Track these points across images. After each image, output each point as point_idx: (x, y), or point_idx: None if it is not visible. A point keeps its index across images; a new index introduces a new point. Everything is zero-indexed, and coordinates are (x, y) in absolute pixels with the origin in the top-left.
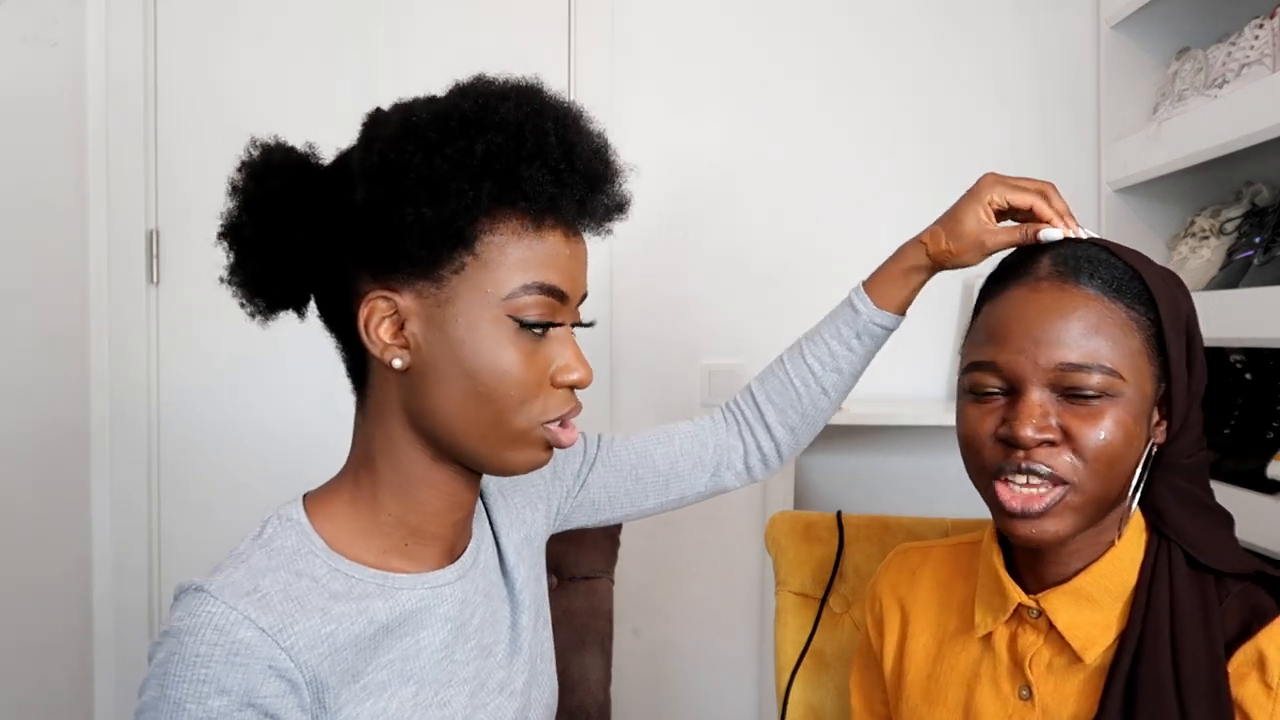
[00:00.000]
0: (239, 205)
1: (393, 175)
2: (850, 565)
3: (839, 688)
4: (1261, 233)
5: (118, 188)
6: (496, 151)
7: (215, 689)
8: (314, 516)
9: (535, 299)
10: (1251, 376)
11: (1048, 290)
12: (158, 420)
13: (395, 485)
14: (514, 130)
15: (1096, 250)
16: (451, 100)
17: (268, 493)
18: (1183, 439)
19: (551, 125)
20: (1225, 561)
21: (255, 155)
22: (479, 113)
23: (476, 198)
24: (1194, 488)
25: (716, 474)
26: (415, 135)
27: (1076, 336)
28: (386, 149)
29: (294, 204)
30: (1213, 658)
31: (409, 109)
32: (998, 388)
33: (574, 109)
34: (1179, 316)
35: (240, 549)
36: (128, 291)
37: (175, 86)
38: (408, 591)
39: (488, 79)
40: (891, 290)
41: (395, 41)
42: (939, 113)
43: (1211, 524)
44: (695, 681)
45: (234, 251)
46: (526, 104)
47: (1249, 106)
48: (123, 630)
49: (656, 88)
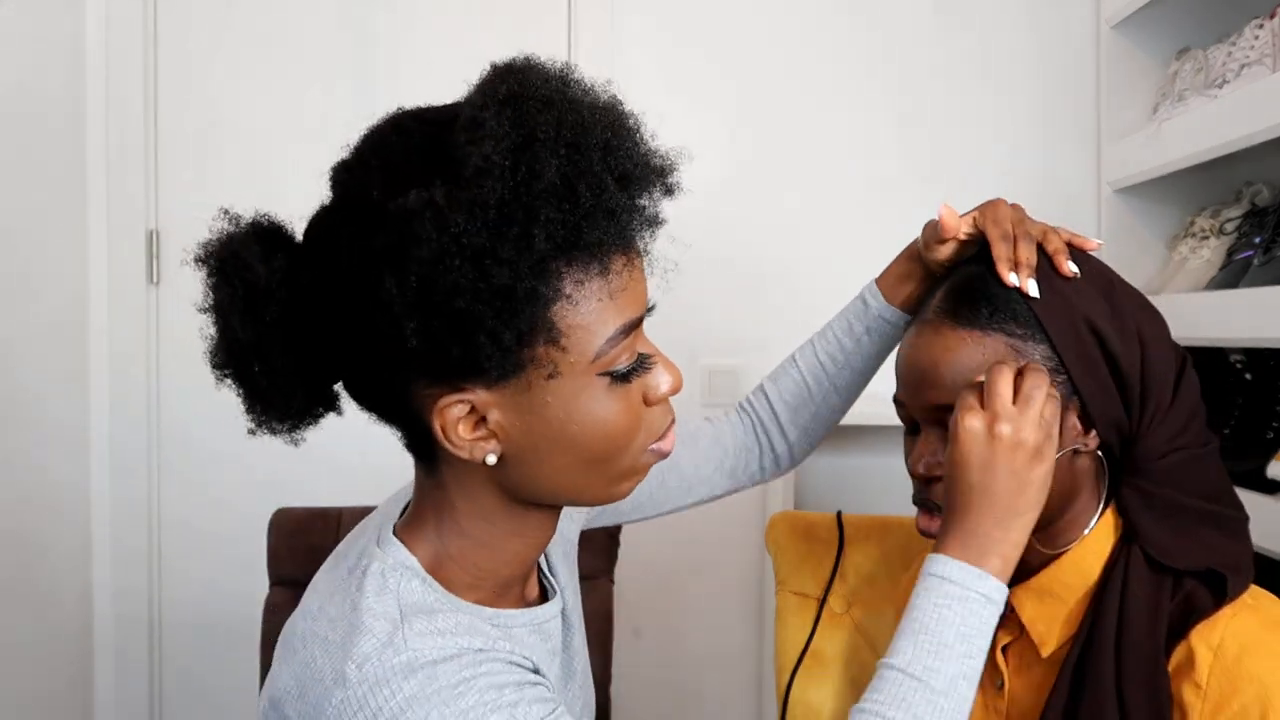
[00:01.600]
0: (235, 299)
1: (446, 302)
2: (850, 565)
3: (839, 688)
4: (1261, 233)
5: (118, 188)
6: (555, 229)
7: (491, 684)
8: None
9: (621, 345)
10: (1251, 376)
11: (928, 332)
12: (158, 420)
13: (486, 543)
14: (565, 191)
15: (985, 281)
16: (475, 175)
17: (268, 493)
18: (1148, 441)
19: (599, 156)
20: (1182, 560)
21: (241, 229)
22: (518, 185)
23: (548, 290)
24: (1166, 490)
25: (734, 475)
26: (458, 248)
27: (948, 379)
28: (430, 274)
29: (306, 295)
30: (1154, 655)
31: (433, 210)
32: (909, 422)
33: (610, 109)
34: (1074, 325)
35: (374, 619)
36: (128, 291)
37: (175, 86)
38: (521, 629)
39: (498, 106)
40: (897, 284)
41: (395, 40)
42: (939, 113)
43: (1188, 524)
44: (695, 681)
45: (239, 375)
46: (565, 138)
47: (1249, 106)
48: (123, 630)
49: (656, 87)
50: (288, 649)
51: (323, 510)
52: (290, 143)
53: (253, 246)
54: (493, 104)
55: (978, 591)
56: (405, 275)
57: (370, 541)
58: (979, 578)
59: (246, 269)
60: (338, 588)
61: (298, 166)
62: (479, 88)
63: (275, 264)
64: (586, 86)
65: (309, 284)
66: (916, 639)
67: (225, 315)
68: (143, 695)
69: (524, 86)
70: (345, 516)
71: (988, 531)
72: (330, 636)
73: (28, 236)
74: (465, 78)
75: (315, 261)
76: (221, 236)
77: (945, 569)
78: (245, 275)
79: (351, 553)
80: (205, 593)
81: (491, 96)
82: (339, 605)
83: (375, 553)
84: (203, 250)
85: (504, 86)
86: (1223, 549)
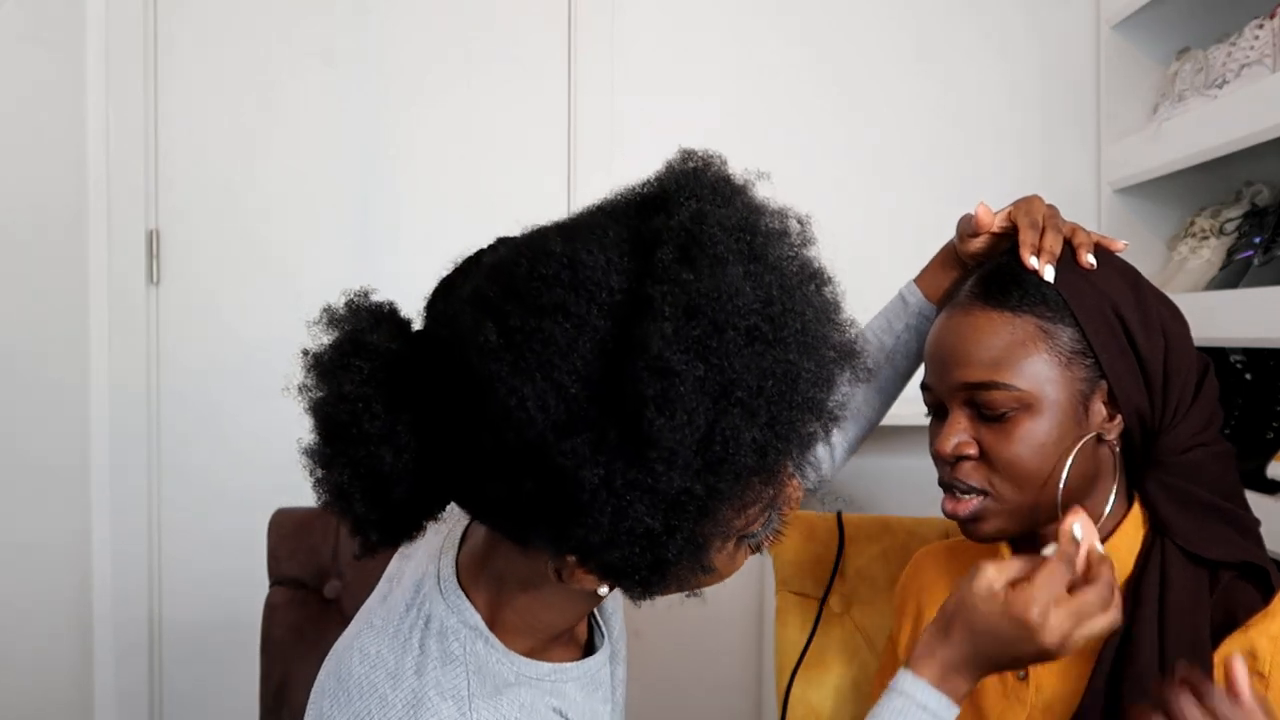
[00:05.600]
0: (369, 393)
1: (632, 530)
2: (850, 565)
3: (839, 688)
4: (1261, 233)
5: (118, 188)
6: (755, 460)
7: None
8: (495, 631)
9: (762, 518)
10: (1251, 376)
11: (960, 314)
12: (158, 420)
13: (552, 603)
14: (769, 434)
15: (1015, 268)
16: (665, 448)
17: (267, 494)
18: (1172, 434)
19: (816, 377)
20: (1214, 551)
21: (368, 309)
22: (713, 431)
23: (730, 506)
24: (1188, 484)
25: None
26: (654, 493)
27: (978, 357)
28: (624, 508)
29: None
30: (1199, 646)
31: (623, 474)
32: (935, 407)
33: (813, 280)
34: (1102, 311)
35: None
36: (128, 291)
37: (175, 86)
38: (573, 684)
39: (683, 323)
40: (935, 281)
41: (395, 40)
42: (939, 113)
43: (1211, 520)
44: (695, 681)
45: (369, 481)
46: (771, 380)
47: (1249, 106)
48: (122, 630)
49: (656, 87)
50: (343, 689)
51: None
52: (290, 143)
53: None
54: (678, 323)
55: (942, 719)
56: (602, 503)
57: (430, 579)
58: (947, 707)
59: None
60: (397, 634)
61: (298, 166)
62: (663, 297)
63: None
64: (790, 242)
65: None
66: None
67: (358, 403)
68: (143, 695)
69: (716, 303)
70: None
71: (970, 672)
72: (391, 698)
73: (28, 237)
74: (466, 77)
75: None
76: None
77: (922, 695)
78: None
79: (408, 584)
80: (205, 592)
81: (676, 308)
82: (399, 659)
83: (438, 601)
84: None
85: (690, 290)
86: (1244, 546)
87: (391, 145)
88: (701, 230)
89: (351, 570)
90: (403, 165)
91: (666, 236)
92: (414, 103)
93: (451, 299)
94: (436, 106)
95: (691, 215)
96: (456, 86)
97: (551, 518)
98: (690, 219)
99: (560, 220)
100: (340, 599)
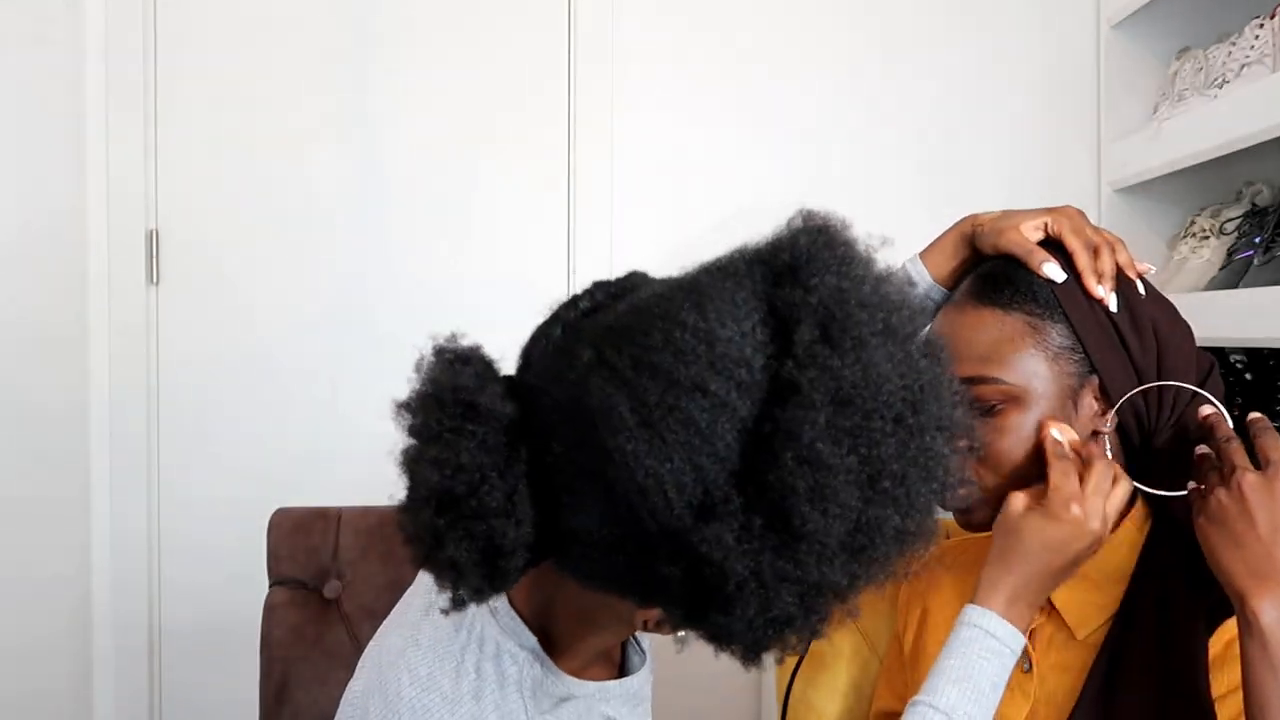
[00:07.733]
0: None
1: (761, 617)
2: None
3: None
4: (1261, 233)
5: (118, 188)
6: (904, 541)
7: None
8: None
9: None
10: (1251, 376)
11: (954, 312)
12: (157, 420)
13: (603, 626)
14: (903, 531)
15: (1010, 267)
16: (813, 530)
17: (267, 493)
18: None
19: (947, 455)
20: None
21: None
22: (859, 530)
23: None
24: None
25: None
26: (791, 584)
27: (969, 352)
28: (764, 606)
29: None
30: (1199, 639)
31: (769, 572)
32: None
33: (927, 351)
34: (1091, 307)
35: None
36: (128, 291)
37: (175, 86)
38: (616, 701)
39: (830, 426)
40: (944, 262)
41: (395, 41)
42: (939, 113)
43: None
44: (695, 681)
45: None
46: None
47: (1249, 106)
48: (122, 630)
49: (657, 96)
50: (392, 711)
51: (323, 510)
52: (290, 143)
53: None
54: (829, 413)
55: (1011, 648)
56: (750, 594)
57: None
58: (1014, 636)
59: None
60: (448, 655)
61: (298, 167)
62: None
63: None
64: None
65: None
66: (960, 686)
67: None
68: (142, 695)
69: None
70: (345, 516)
71: (1033, 595)
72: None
73: (27, 236)
74: (466, 79)
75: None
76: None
77: (991, 625)
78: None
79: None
80: (205, 592)
81: (826, 396)
82: (454, 684)
83: (490, 623)
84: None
85: (839, 377)
86: None
87: (392, 146)
88: (842, 310)
89: (351, 570)
90: (403, 166)
91: (805, 314)
92: (414, 104)
93: (562, 359)
94: (437, 107)
95: (831, 293)
96: (457, 87)
97: (691, 601)
98: (830, 297)
99: (677, 278)
100: (340, 599)
